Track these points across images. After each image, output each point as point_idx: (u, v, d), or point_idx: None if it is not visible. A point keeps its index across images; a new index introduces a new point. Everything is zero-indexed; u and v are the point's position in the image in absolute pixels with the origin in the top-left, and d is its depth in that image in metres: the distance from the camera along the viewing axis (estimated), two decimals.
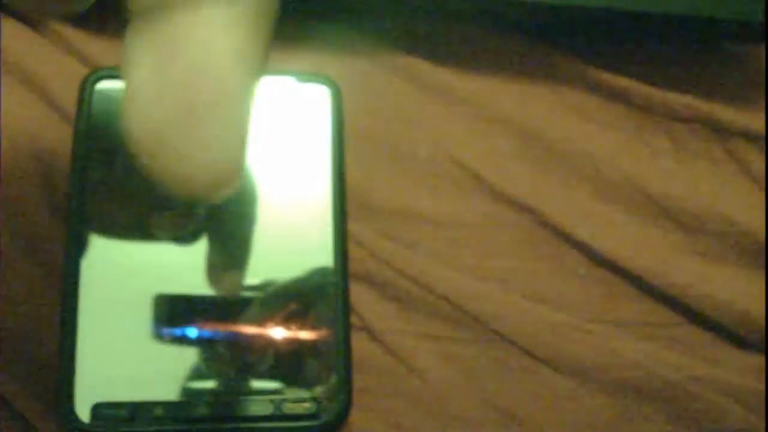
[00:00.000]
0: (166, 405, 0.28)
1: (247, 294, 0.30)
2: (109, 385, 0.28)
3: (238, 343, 0.29)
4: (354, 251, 0.32)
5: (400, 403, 0.31)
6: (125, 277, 0.29)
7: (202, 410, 0.28)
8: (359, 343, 0.31)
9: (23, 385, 0.29)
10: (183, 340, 0.29)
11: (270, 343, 0.29)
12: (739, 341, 0.33)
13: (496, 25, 0.36)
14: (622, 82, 0.36)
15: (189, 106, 0.14)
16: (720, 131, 0.36)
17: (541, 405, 0.31)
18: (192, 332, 0.29)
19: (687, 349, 0.32)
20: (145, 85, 0.14)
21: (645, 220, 0.34)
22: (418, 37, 0.36)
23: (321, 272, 0.31)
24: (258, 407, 0.28)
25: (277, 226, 0.31)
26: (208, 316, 0.29)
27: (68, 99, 0.32)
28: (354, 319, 0.31)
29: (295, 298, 0.30)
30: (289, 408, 0.29)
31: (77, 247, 0.29)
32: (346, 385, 0.29)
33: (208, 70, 0.14)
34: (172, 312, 0.29)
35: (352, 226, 0.32)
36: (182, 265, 0.30)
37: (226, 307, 0.30)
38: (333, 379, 0.29)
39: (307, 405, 0.29)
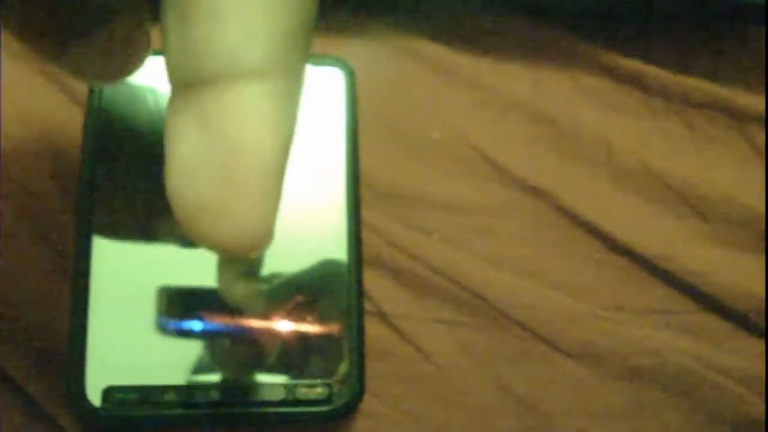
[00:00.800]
0: (177, 389, 0.28)
1: (258, 284, 0.30)
2: (120, 369, 0.28)
3: (248, 333, 0.29)
4: (368, 237, 0.31)
5: (414, 389, 0.31)
6: (136, 262, 0.29)
7: (213, 395, 0.28)
8: (373, 328, 0.31)
9: (33, 369, 0.29)
10: (191, 333, 0.29)
11: (282, 330, 0.29)
12: (756, 329, 0.32)
13: (511, 9, 0.36)
14: (639, 67, 0.35)
15: (228, 180, 0.15)
16: (737, 117, 0.35)
17: (556, 392, 0.31)
18: (198, 325, 0.29)
19: (703, 336, 0.32)
20: (186, 157, 0.15)
21: (661, 207, 0.34)
22: (431, 21, 0.35)
23: (334, 258, 0.30)
24: (270, 392, 0.28)
25: (290, 213, 0.30)
26: (216, 307, 0.29)
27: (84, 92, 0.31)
28: (368, 305, 0.31)
29: (308, 285, 0.30)
30: (301, 393, 0.28)
31: (88, 233, 0.29)
32: (358, 370, 0.29)
33: (246, 145, 0.15)
34: (181, 303, 0.29)
35: (366, 212, 0.31)
36: (193, 253, 0.29)
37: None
38: (345, 364, 0.29)
39: (319, 390, 0.28)
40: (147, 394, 0.28)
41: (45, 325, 0.29)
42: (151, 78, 0.30)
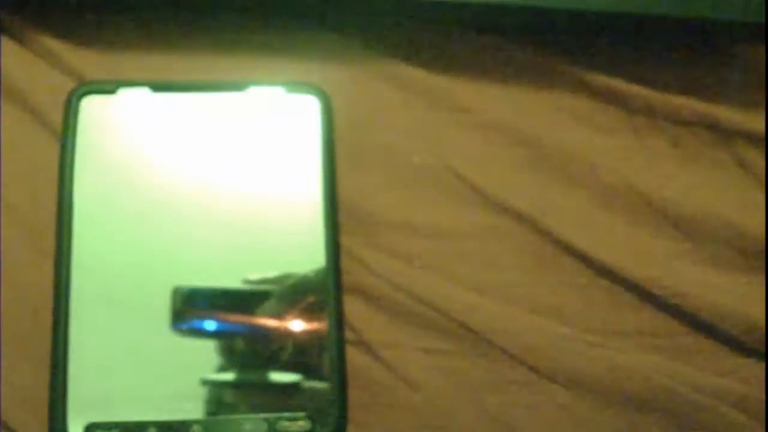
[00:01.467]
0: (159, 425, 0.28)
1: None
2: (101, 405, 0.28)
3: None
4: (348, 265, 0.31)
5: (398, 418, 0.30)
6: (117, 294, 0.29)
7: (195, 430, 0.28)
8: (355, 358, 0.30)
9: (17, 402, 0.29)
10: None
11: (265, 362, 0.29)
12: (745, 350, 0.32)
13: (490, 30, 0.35)
14: (621, 85, 0.35)
15: None
16: (722, 133, 0.35)
17: (542, 418, 0.31)
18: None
19: (692, 358, 0.31)
20: None
21: (646, 228, 0.33)
22: (409, 44, 0.35)
23: (313, 288, 0.30)
24: (251, 427, 0.28)
25: (267, 244, 0.30)
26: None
27: (55, 113, 0.31)
28: (349, 334, 0.30)
29: (287, 317, 0.30)
30: (284, 426, 0.28)
31: (68, 265, 0.29)
32: (341, 401, 0.29)
33: None
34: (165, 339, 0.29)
35: (346, 239, 0.31)
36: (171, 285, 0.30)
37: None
38: (327, 395, 0.29)
39: (301, 423, 0.28)
40: (128, 430, 0.27)
41: (29, 358, 0.29)
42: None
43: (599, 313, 0.32)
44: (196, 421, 0.28)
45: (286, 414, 0.28)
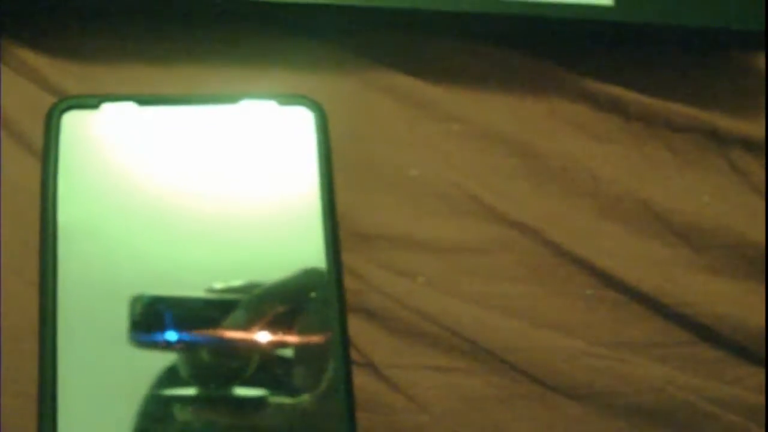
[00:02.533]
0: None
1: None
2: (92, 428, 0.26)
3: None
4: (351, 283, 0.30)
5: None
6: (105, 314, 0.28)
7: None
8: (362, 379, 0.29)
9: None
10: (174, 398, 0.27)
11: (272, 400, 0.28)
12: (755, 358, 0.32)
13: (486, 38, 0.35)
14: (619, 92, 0.35)
15: None
16: (719, 140, 0.35)
17: None
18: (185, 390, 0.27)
19: (701, 368, 0.31)
20: None
21: (649, 237, 0.33)
22: (404, 54, 0.34)
23: (316, 309, 0.29)
24: None
25: (265, 267, 0.29)
26: (198, 371, 0.28)
27: (34, 130, 0.30)
28: (355, 355, 0.29)
29: (292, 341, 0.28)
30: None
31: (53, 291, 0.27)
32: (349, 426, 0.27)
33: None
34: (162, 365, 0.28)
35: (347, 257, 0.30)
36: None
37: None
38: (336, 420, 0.27)
39: None
40: None
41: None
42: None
43: (606, 324, 0.32)
44: None
45: None
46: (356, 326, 0.30)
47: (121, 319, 0.28)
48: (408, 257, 0.31)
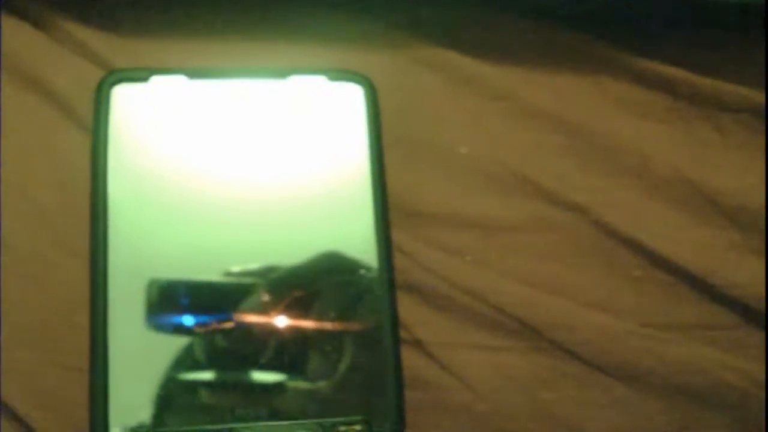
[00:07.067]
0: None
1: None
2: (142, 408, 0.26)
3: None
4: (398, 261, 0.30)
5: (455, 418, 0.29)
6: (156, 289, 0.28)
7: None
8: (409, 357, 0.29)
9: (40, 408, 0.27)
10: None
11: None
12: None
13: (533, 14, 0.34)
14: (667, 71, 0.34)
15: None
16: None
17: (599, 413, 0.30)
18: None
19: (750, 352, 0.31)
20: None
21: (697, 217, 0.33)
22: (452, 29, 0.34)
23: (366, 285, 0.29)
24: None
25: (316, 242, 0.29)
26: (244, 352, 0.28)
27: (83, 104, 0.30)
28: (402, 333, 0.29)
29: (341, 318, 0.28)
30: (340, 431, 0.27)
31: (104, 265, 0.27)
32: (398, 404, 0.28)
33: None
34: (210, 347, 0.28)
35: (394, 234, 0.30)
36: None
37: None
38: (384, 398, 0.28)
39: (357, 427, 0.27)
40: None
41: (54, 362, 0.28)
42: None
43: (654, 305, 0.31)
44: (246, 427, 0.26)
45: (342, 418, 0.27)
46: (403, 303, 0.29)
47: None
48: (456, 235, 0.31)
